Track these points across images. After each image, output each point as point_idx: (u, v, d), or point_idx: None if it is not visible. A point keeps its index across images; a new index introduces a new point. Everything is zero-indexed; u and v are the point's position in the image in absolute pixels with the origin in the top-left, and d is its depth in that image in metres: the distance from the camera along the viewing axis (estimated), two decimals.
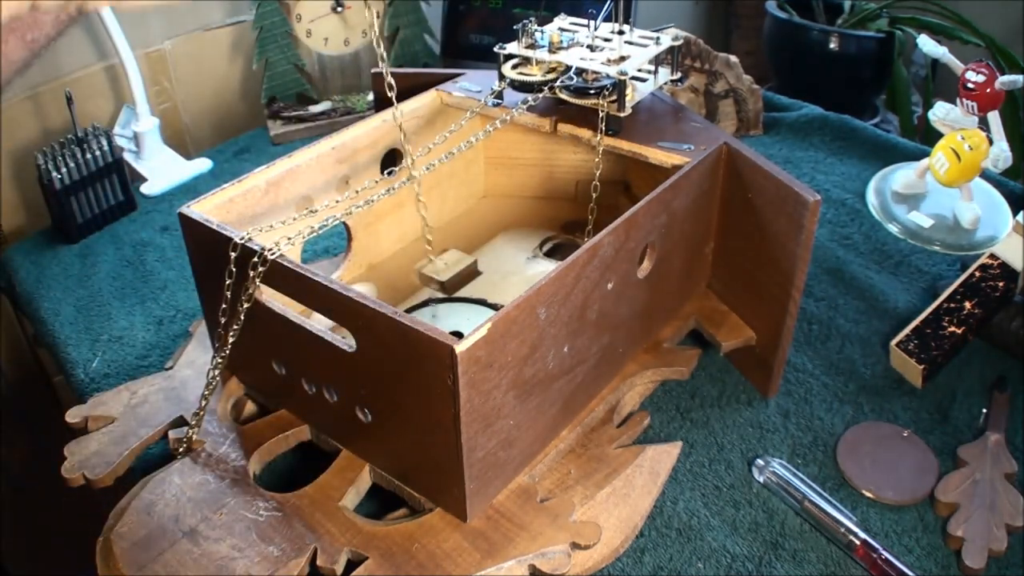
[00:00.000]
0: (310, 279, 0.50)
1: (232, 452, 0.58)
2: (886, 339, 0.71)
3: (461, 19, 1.19)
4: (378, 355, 0.49)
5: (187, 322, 0.79)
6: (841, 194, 0.93)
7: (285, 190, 0.64)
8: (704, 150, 0.62)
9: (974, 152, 0.81)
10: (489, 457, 0.51)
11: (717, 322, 0.68)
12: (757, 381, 0.68)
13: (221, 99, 1.23)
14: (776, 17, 1.81)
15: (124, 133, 1.05)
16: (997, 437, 0.62)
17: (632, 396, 0.64)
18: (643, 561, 0.56)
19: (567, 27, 0.71)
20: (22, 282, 0.88)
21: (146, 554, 0.51)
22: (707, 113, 1.04)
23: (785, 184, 0.58)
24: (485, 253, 0.77)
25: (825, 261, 0.83)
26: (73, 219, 0.92)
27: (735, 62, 1.02)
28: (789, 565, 0.55)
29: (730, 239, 0.67)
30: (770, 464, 0.60)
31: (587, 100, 0.66)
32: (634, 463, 0.58)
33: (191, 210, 0.57)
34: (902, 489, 0.59)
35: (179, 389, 0.64)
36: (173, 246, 0.91)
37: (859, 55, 1.74)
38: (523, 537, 0.52)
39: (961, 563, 0.55)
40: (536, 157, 0.82)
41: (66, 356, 0.77)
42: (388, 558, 0.51)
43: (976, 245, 0.84)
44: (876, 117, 1.82)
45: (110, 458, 0.58)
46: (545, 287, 0.49)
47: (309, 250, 0.86)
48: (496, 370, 0.48)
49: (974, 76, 0.81)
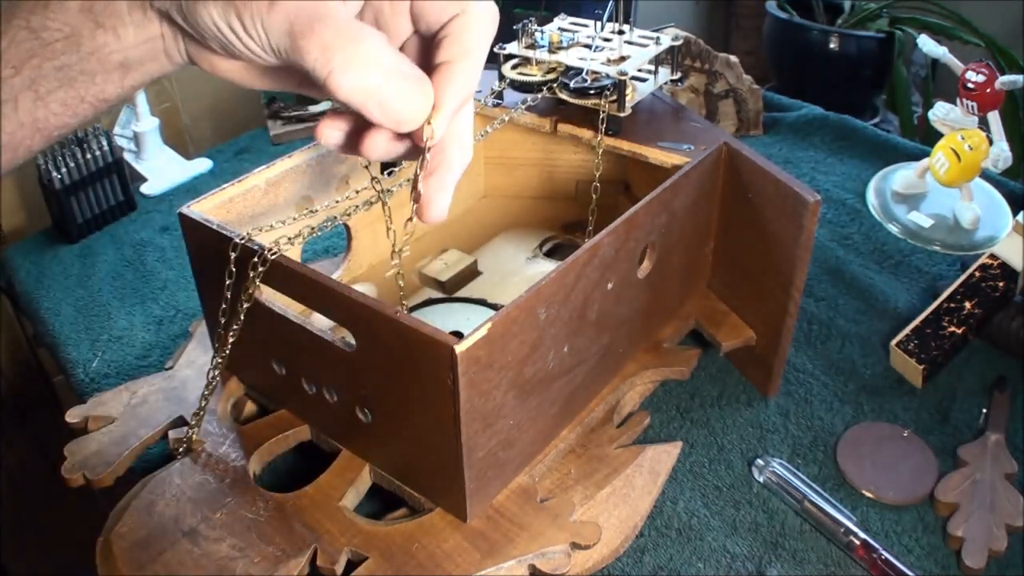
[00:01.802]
0: (310, 279, 0.50)
1: (232, 452, 0.58)
2: (886, 339, 0.71)
3: None
4: (378, 355, 0.49)
5: (187, 322, 0.79)
6: (841, 194, 0.93)
7: (285, 190, 0.64)
8: (704, 150, 0.62)
9: (974, 152, 0.81)
10: (489, 457, 0.51)
11: (717, 322, 0.68)
12: (757, 381, 0.68)
13: (221, 99, 1.23)
14: (776, 17, 1.82)
15: (124, 133, 1.05)
16: (997, 437, 0.62)
17: (632, 396, 0.64)
18: (643, 561, 0.56)
19: (567, 27, 0.71)
20: (22, 282, 0.88)
21: (146, 554, 0.51)
22: (707, 113, 1.04)
23: (785, 184, 0.58)
24: (485, 253, 0.77)
25: (825, 261, 0.83)
26: (73, 219, 0.92)
27: (735, 62, 1.02)
28: (789, 565, 0.55)
29: (730, 239, 0.67)
30: (770, 464, 0.60)
31: (587, 100, 0.66)
32: (634, 463, 0.58)
33: (191, 210, 0.57)
34: (902, 489, 0.59)
35: (179, 389, 0.64)
36: (173, 246, 0.91)
37: (859, 55, 1.74)
38: (523, 537, 0.52)
39: (961, 563, 0.55)
40: (536, 157, 0.82)
41: (66, 356, 0.77)
42: (388, 558, 0.51)
43: (976, 245, 0.84)
44: (876, 117, 1.82)
45: (110, 458, 0.58)
46: (545, 287, 0.49)
47: (309, 250, 0.86)
48: (496, 370, 0.48)
49: (974, 76, 0.81)
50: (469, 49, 0.40)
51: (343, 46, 0.36)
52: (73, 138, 0.92)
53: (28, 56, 0.35)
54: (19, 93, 0.36)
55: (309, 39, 0.36)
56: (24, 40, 0.35)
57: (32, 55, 0.35)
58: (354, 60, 0.36)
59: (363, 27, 0.37)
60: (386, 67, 0.37)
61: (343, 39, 0.36)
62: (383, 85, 0.37)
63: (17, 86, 0.35)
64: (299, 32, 0.36)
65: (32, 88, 0.36)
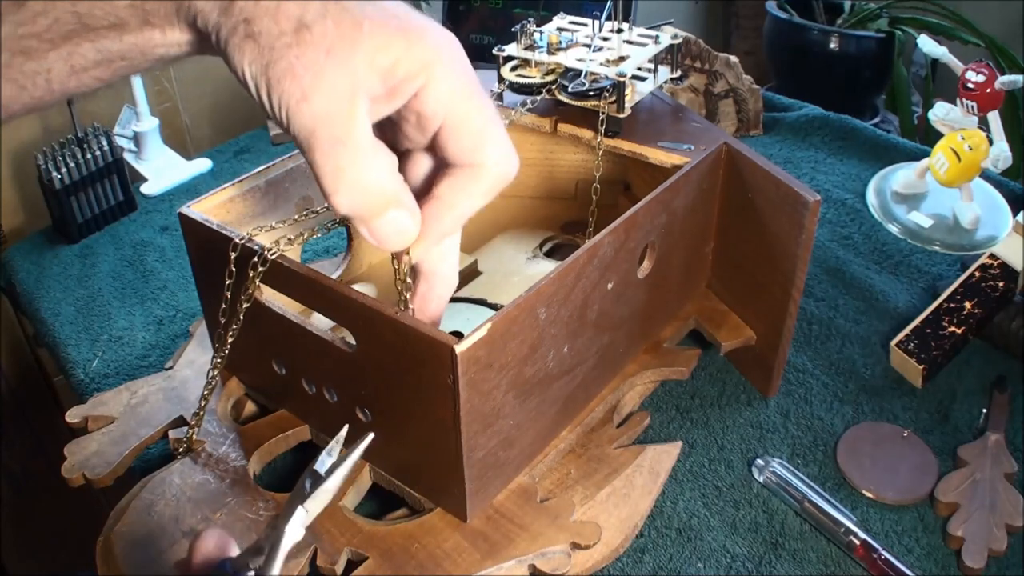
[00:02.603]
0: (310, 279, 0.50)
1: (232, 452, 0.58)
2: (886, 339, 0.71)
3: (461, 19, 1.19)
4: (378, 355, 0.49)
5: (187, 322, 0.79)
6: (841, 194, 0.93)
7: (285, 190, 0.64)
8: (704, 150, 0.62)
9: (974, 152, 0.81)
10: (489, 457, 0.51)
11: (717, 322, 0.68)
12: (757, 381, 0.68)
13: (221, 99, 1.23)
14: (776, 17, 1.82)
15: (124, 133, 1.05)
16: (997, 437, 0.62)
17: (632, 396, 0.64)
18: (643, 561, 0.56)
19: (566, 26, 0.71)
20: (22, 282, 0.89)
21: (146, 554, 0.51)
22: (707, 113, 1.04)
23: (785, 184, 0.58)
24: (485, 253, 0.77)
25: (825, 261, 0.83)
26: (73, 219, 0.92)
27: (735, 62, 1.02)
28: (789, 565, 0.55)
29: (730, 239, 0.67)
30: (770, 464, 0.60)
31: (586, 102, 0.66)
32: (634, 463, 0.58)
33: (191, 210, 0.57)
34: (902, 489, 0.59)
35: (179, 389, 0.64)
36: (173, 246, 0.91)
37: (859, 55, 1.74)
38: (523, 537, 0.52)
39: (961, 563, 0.55)
40: (536, 157, 0.82)
41: (66, 356, 0.77)
42: (388, 558, 0.51)
43: (976, 245, 0.84)
44: (876, 117, 1.82)
45: (110, 458, 0.58)
46: (545, 287, 0.49)
47: (309, 250, 0.86)
48: (496, 370, 0.48)
49: (974, 76, 0.81)
50: (469, 198, 0.42)
51: (354, 175, 0.37)
52: (73, 138, 0.92)
53: (69, 35, 0.36)
54: (53, 64, 0.36)
55: (325, 157, 0.37)
56: (68, 22, 0.35)
57: (73, 35, 0.36)
58: (358, 187, 0.38)
59: (377, 152, 0.38)
60: (385, 196, 0.39)
61: (356, 167, 0.37)
62: (377, 214, 0.39)
63: (52, 58, 0.36)
64: (317, 145, 0.37)
65: (68, 62, 0.36)
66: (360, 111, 0.37)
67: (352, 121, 0.37)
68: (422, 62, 0.38)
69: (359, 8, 0.37)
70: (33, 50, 0.36)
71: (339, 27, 0.36)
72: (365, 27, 0.37)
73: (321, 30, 0.36)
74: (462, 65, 0.40)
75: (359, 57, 0.36)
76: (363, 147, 0.37)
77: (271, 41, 0.35)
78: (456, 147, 0.41)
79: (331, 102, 0.36)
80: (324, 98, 0.36)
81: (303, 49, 0.35)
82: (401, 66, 0.37)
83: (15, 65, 0.36)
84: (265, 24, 0.35)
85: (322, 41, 0.36)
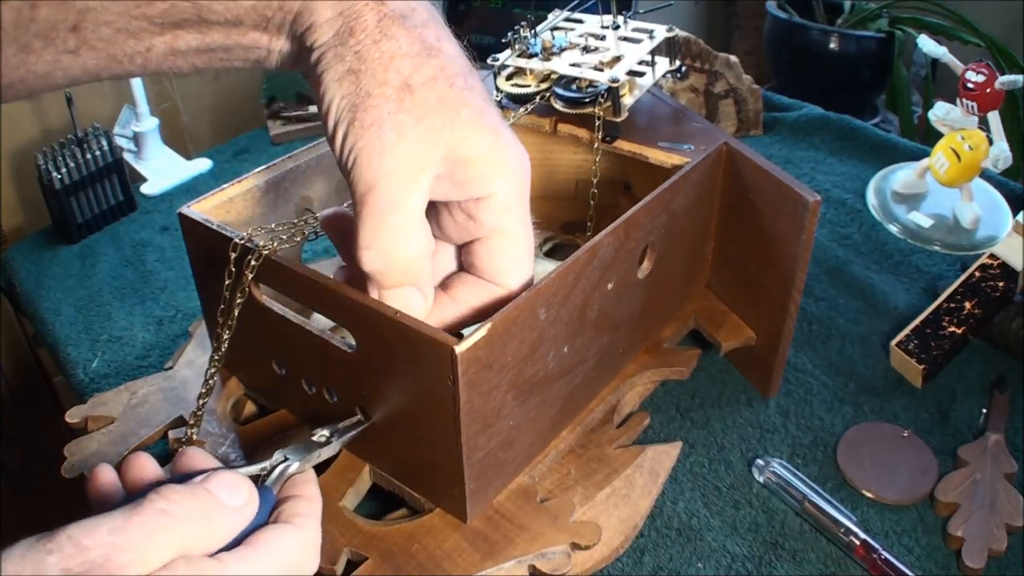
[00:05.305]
0: (310, 279, 0.50)
1: (232, 452, 0.58)
2: (886, 339, 0.71)
3: (461, 19, 1.19)
4: (378, 355, 0.49)
5: (187, 322, 0.79)
6: (841, 194, 0.93)
7: (285, 190, 0.64)
8: (704, 150, 0.62)
9: (974, 152, 0.81)
10: (489, 457, 0.51)
11: (717, 322, 0.68)
12: (757, 381, 0.68)
13: (221, 99, 1.23)
14: (776, 17, 1.82)
15: (124, 133, 1.05)
16: (997, 437, 0.62)
17: (632, 396, 0.64)
18: (643, 561, 0.56)
19: (561, 24, 0.70)
20: (22, 282, 0.88)
21: None
22: (707, 113, 1.04)
23: (785, 184, 0.58)
24: None
25: (825, 261, 0.83)
26: (73, 219, 0.92)
27: (735, 62, 1.02)
28: (789, 565, 0.55)
29: (730, 239, 0.67)
30: (770, 464, 0.60)
31: (582, 109, 0.65)
32: (634, 463, 0.58)
33: (191, 210, 0.57)
34: (902, 489, 0.59)
35: (179, 389, 0.64)
36: (173, 246, 0.91)
37: (859, 55, 1.74)
38: (523, 537, 0.52)
39: (961, 563, 0.55)
40: (536, 157, 0.82)
41: (66, 356, 0.77)
42: (388, 558, 0.51)
43: (976, 245, 0.84)
44: (876, 117, 1.82)
45: (110, 458, 0.58)
46: (545, 287, 0.49)
47: (309, 250, 0.86)
48: (496, 370, 0.48)
49: (974, 76, 0.81)
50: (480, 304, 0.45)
51: (391, 240, 0.38)
52: (73, 138, 0.92)
53: (181, 23, 0.36)
54: (155, 45, 0.37)
55: (374, 214, 0.37)
56: (185, 12, 0.36)
57: (185, 24, 0.36)
58: (389, 254, 0.39)
59: (421, 229, 0.39)
60: (410, 273, 0.40)
61: (397, 235, 0.38)
62: (395, 285, 0.41)
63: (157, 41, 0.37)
64: (371, 201, 0.37)
65: (171, 45, 0.37)
66: (423, 186, 0.37)
67: (413, 191, 0.37)
68: (498, 172, 0.39)
69: (466, 90, 0.37)
70: (142, 31, 0.36)
71: (440, 103, 0.36)
72: (463, 114, 0.37)
73: (423, 98, 0.36)
74: (527, 187, 0.42)
75: (445, 138, 0.36)
76: (412, 219, 0.38)
77: (372, 87, 0.35)
78: (489, 263, 0.42)
79: (402, 166, 0.36)
80: (397, 161, 0.36)
81: (399, 107, 0.35)
82: (478, 166, 0.38)
83: (118, 42, 0.36)
84: (374, 68, 0.35)
85: (419, 109, 0.36)
